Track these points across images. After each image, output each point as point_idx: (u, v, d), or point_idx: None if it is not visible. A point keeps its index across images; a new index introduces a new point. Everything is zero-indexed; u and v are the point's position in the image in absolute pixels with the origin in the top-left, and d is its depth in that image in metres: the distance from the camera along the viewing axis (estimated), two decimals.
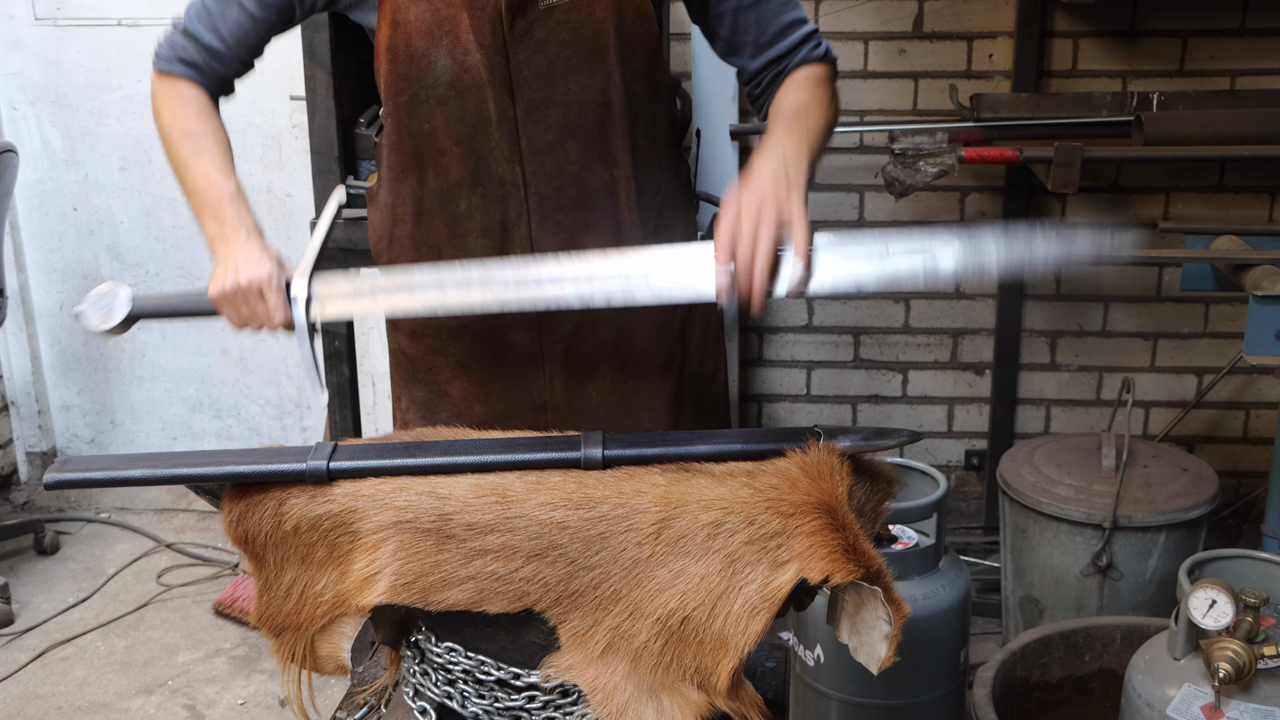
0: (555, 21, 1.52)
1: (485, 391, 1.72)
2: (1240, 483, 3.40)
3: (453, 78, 1.56)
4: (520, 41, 1.52)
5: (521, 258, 1.50)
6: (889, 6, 3.14)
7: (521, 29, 1.52)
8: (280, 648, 1.41)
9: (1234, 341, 3.26)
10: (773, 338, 3.42)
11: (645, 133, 1.63)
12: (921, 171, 2.83)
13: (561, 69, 1.54)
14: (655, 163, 1.66)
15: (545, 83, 1.55)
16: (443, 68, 1.56)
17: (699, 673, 1.25)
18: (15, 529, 3.45)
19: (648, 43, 1.58)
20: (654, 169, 1.66)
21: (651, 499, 1.26)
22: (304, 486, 1.34)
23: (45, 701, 2.82)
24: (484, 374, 1.72)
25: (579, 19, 1.52)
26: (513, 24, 1.51)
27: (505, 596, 1.27)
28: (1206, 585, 1.70)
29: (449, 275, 1.45)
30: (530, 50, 1.53)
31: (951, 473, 3.48)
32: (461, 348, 1.71)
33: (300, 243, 3.60)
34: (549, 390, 1.71)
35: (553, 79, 1.55)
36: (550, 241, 1.62)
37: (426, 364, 1.76)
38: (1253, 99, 2.99)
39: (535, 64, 1.54)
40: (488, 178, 1.61)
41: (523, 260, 1.46)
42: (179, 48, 1.64)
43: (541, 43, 1.53)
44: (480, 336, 1.70)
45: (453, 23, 1.53)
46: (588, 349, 1.69)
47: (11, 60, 3.61)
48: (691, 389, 1.78)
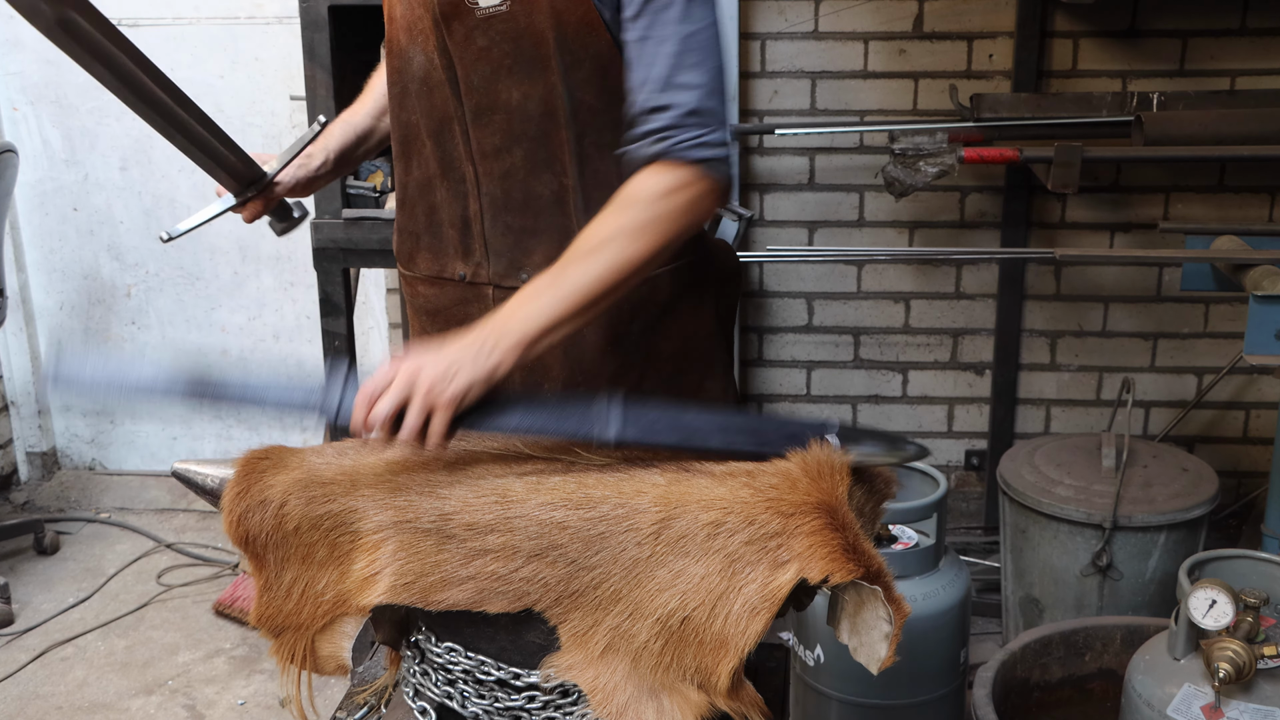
0: (495, 30, 1.52)
1: None
2: (1240, 483, 3.40)
3: (425, 74, 1.60)
4: (463, 46, 1.54)
5: None
6: (889, 6, 3.14)
7: (460, 35, 1.53)
8: (280, 648, 1.41)
9: (1234, 341, 3.26)
10: (773, 338, 3.42)
11: (597, 142, 1.59)
12: (921, 171, 2.83)
13: (504, 76, 1.55)
14: (613, 173, 1.59)
15: (489, 89, 1.56)
16: (418, 64, 1.60)
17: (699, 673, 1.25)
18: (15, 529, 3.44)
19: (598, 52, 1.53)
20: (610, 179, 1.58)
21: (651, 499, 1.26)
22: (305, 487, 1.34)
23: (45, 701, 2.82)
24: None
25: (518, 29, 1.52)
26: (450, 29, 1.53)
27: (505, 596, 1.27)
28: (1206, 585, 1.70)
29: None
30: (474, 56, 1.54)
31: (951, 473, 3.48)
32: (438, 330, 1.73)
33: (301, 243, 3.61)
34: (508, 382, 1.70)
35: (496, 85, 1.55)
36: (501, 241, 1.64)
37: (419, 341, 1.79)
38: (1253, 99, 2.99)
39: (480, 69, 1.55)
40: (452, 173, 1.65)
41: None
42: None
43: (484, 49, 1.53)
44: (452, 322, 1.71)
45: (422, 22, 1.57)
46: (541, 352, 1.67)
47: (11, 60, 3.61)
48: (657, 399, 1.75)
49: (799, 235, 3.33)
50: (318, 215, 2.63)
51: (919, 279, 3.34)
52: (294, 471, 1.37)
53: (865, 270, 3.34)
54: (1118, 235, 3.26)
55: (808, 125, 3.16)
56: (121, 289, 3.81)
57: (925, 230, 3.30)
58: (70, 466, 4.01)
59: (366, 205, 2.62)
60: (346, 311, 2.71)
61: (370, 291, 3.59)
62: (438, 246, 1.71)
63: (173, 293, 3.79)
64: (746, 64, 3.20)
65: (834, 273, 3.35)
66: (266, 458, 1.40)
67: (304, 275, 3.68)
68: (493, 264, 1.66)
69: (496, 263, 1.66)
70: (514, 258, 1.65)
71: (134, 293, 3.81)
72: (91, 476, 3.95)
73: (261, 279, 3.75)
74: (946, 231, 3.30)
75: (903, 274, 3.34)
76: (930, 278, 3.34)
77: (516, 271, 1.65)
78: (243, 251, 3.72)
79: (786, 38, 3.18)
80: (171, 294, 3.79)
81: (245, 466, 1.39)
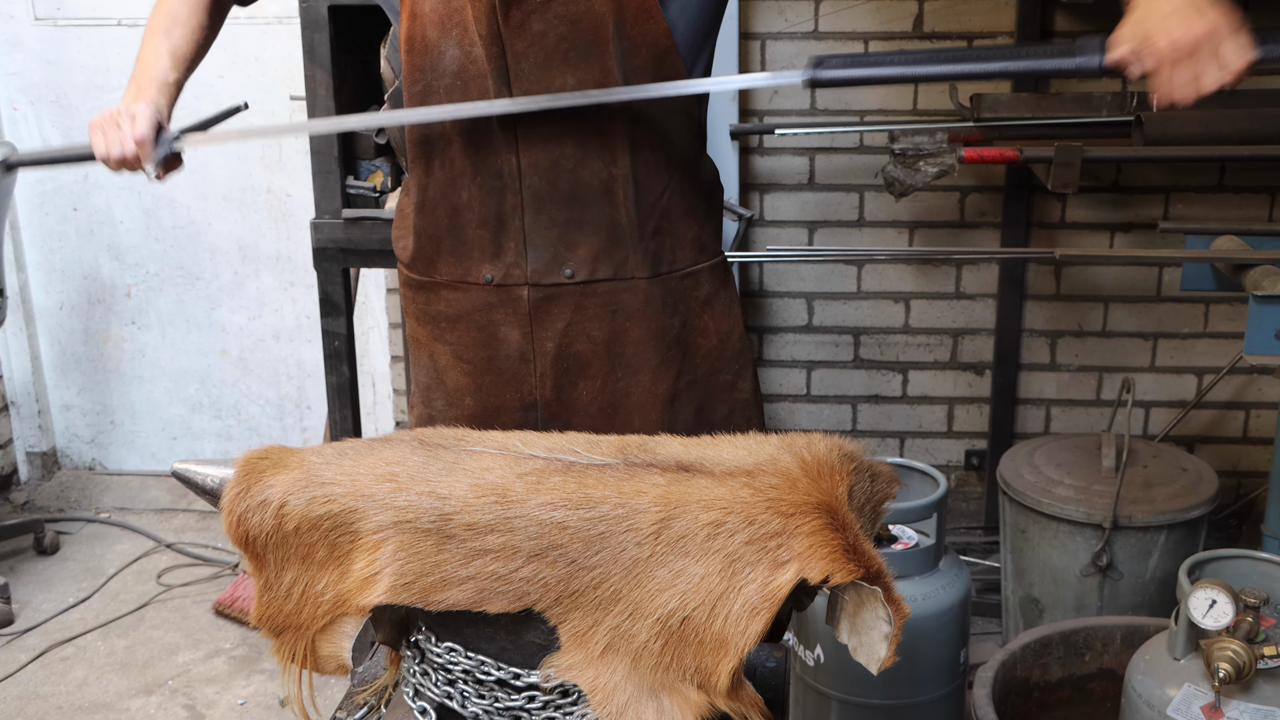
0: (553, 14, 1.51)
1: (477, 385, 1.72)
2: (1240, 483, 3.40)
3: (460, 68, 1.56)
4: (517, 33, 1.51)
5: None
6: (889, 6, 3.14)
7: (517, 20, 1.51)
8: (280, 648, 1.41)
9: (1234, 341, 3.26)
10: (773, 338, 3.42)
11: (650, 131, 1.60)
12: (921, 171, 2.83)
13: (559, 62, 1.53)
14: (663, 163, 1.63)
15: (541, 75, 1.54)
16: (451, 58, 1.56)
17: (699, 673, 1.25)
18: (15, 529, 3.45)
19: (655, 39, 1.55)
20: (660, 169, 1.63)
21: (651, 499, 1.26)
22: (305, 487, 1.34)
23: (45, 701, 2.82)
24: (477, 366, 1.71)
25: (578, 12, 1.51)
26: (507, 15, 1.50)
27: (505, 596, 1.27)
28: (1206, 585, 1.70)
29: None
30: (527, 42, 1.52)
31: (951, 473, 3.48)
32: (458, 336, 1.71)
33: (300, 243, 3.61)
34: (540, 388, 1.69)
35: (549, 72, 1.53)
36: (543, 236, 1.62)
37: (429, 350, 1.76)
38: (1253, 99, 2.99)
39: (532, 56, 1.53)
40: (485, 169, 1.61)
41: None
42: None
43: (539, 35, 1.52)
44: (474, 328, 1.69)
45: (461, 14, 1.54)
46: (579, 348, 1.67)
47: (11, 60, 3.61)
48: (692, 396, 1.75)
49: (799, 235, 3.33)
50: (318, 215, 2.63)
51: (919, 279, 3.34)
52: (294, 471, 1.37)
53: (865, 270, 3.34)
54: (1118, 235, 3.26)
55: (808, 125, 3.16)
56: (121, 289, 3.81)
57: (925, 230, 3.30)
58: (70, 466, 4.02)
59: (366, 205, 2.62)
60: (346, 311, 2.71)
61: (370, 291, 3.59)
62: (461, 250, 1.67)
63: (173, 293, 3.79)
64: (747, 64, 3.20)
65: (834, 273, 3.36)
66: (266, 458, 1.40)
67: (304, 275, 3.68)
68: (531, 261, 1.63)
69: (536, 259, 1.63)
70: (557, 252, 1.63)
71: (134, 293, 3.81)
72: (91, 476, 3.95)
73: (261, 279, 3.75)
74: (946, 231, 3.30)
75: (903, 274, 3.34)
76: (930, 278, 3.34)
77: (559, 267, 1.63)
78: (243, 251, 3.73)
79: (786, 38, 3.18)
80: (171, 294, 3.79)
81: (245, 466, 1.39)
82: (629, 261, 1.64)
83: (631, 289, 1.65)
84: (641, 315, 1.65)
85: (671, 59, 1.57)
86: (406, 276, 1.76)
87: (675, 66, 1.59)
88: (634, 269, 1.65)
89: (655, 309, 1.65)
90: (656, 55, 1.56)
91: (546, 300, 1.65)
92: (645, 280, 1.65)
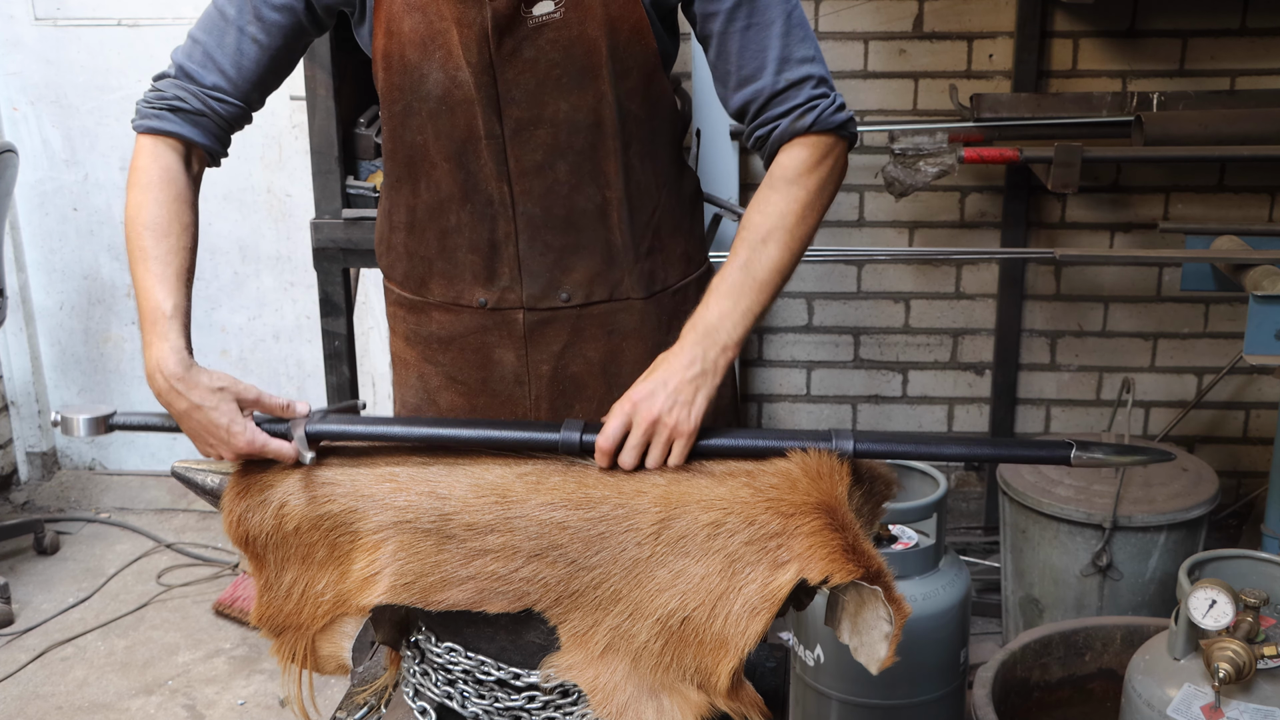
0: (545, 40, 1.48)
1: (471, 406, 1.70)
2: (1240, 483, 3.40)
3: (444, 92, 1.52)
4: (508, 60, 1.48)
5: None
6: (889, 6, 3.14)
7: (509, 47, 1.48)
8: (280, 648, 1.41)
9: (1234, 341, 3.26)
10: (773, 338, 3.42)
11: (641, 152, 1.58)
12: (921, 171, 2.83)
13: (551, 88, 1.50)
14: (652, 182, 1.62)
15: (534, 102, 1.51)
16: (434, 81, 1.52)
17: (699, 673, 1.25)
18: (15, 529, 3.44)
19: (644, 60, 1.53)
20: (650, 189, 1.62)
21: (651, 499, 1.26)
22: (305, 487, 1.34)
23: (45, 701, 2.82)
24: (471, 388, 1.69)
25: (570, 37, 1.48)
26: (500, 43, 1.47)
27: (505, 596, 1.27)
28: (1206, 585, 1.70)
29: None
30: (519, 69, 1.49)
31: (951, 473, 3.48)
32: (450, 358, 1.69)
33: (300, 243, 3.61)
34: (535, 411, 1.68)
35: (542, 98, 1.51)
36: (538, 262, 1.60)
37: (419, 370, 1.73)
38: (1253, 99, 2.99)
39: (524, 83, 1.50)
40: (476, 195, 1.58)
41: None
42: (170, 97, 1.48)
43: (530, 61, 1.49)
44: (468, 350, 1.67)
45: (445, 37, 1.49)
46: (575, 370, 1.66)
47: (11, 60, 3.61)
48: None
49: None
50: (318, 215, 2.63)
51: (919, 279, 3.34)
52: (294, 472, 1.37)
53: (865, 270, 3.34)
54: (1118, 235, 3.26)
55: None
56: (121, 289, 3.81)
57: (925, 230, 3.30)
58: (70, 466, 4.02)
59: (366, 205, 2.62)
60: (346, 311, 2.71)
61: (370, 291, 3.59)
62: (452, 272, 1.64)
63: None
64: None
65: (834, 273, 3.35)
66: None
67: (304, 275, 3.68)
68: (526, 286, 1.62)
69: (531, 284, 1.62)
70: (552, 277, 1.61)
71: (134, 293, 3.80)
72: (91, 476, 3.95)
73: (261, 279, 3.75)
74: (946, 231, 3.30)
75: (903, 274, 3.34)
76: (930, 278, 3.34)
77: (555, 291, 1.62)
78: (243, 252, 3.73)
79: None
80: None
81: (245, 466, 1.40)
82: (624, 283, 1.63)
83: (627, 309, 1.65)
84: (638, 335, 1.64)
85: (658, 79, 1.56)
86: (398, 295, 1.72)
87: (661, 85, 1.57)
88: (629, 290, 1.64)
89: (651, 328, 1.65)
90: (645, 75, 1.55)
91: (542, 324, 1.64)
92: (640, 300, 1.65)
